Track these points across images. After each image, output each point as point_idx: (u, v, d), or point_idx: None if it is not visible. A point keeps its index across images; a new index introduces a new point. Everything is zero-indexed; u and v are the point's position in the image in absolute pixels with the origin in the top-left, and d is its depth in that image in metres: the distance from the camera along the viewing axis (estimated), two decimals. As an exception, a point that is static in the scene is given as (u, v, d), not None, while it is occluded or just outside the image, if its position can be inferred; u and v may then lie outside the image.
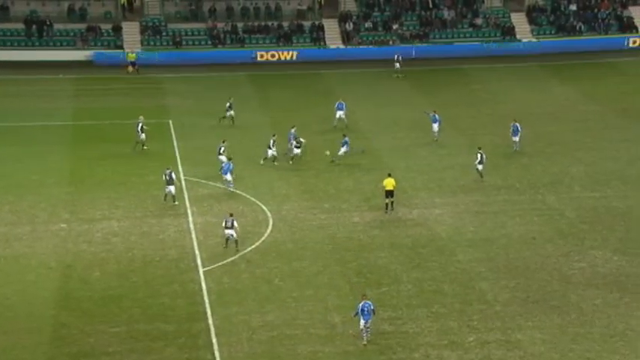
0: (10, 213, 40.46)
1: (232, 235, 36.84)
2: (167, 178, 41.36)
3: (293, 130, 48.24)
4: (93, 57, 67.07)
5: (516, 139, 48.92)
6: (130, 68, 64.83)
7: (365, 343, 30.44)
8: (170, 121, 53.62)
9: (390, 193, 41.17)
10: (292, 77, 65.42)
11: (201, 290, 34.26)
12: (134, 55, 65.95)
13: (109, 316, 32.12)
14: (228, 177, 43.27)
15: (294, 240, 38.90)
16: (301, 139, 47.63)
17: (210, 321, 32.19)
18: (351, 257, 37.40)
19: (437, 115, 51.01)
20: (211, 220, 40.51)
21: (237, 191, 43.77)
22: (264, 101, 59.15)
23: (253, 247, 38.02)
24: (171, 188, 41.37)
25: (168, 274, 35.53)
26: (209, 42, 70.27)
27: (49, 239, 38.01)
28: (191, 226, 39.83)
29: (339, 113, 53.63)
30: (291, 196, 43.56)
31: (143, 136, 48.41)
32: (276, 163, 46.60)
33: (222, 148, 45.81)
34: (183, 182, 44.45)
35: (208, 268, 36.01)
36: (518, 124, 49.09)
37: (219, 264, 36.40)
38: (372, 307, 30.71)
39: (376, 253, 37.67)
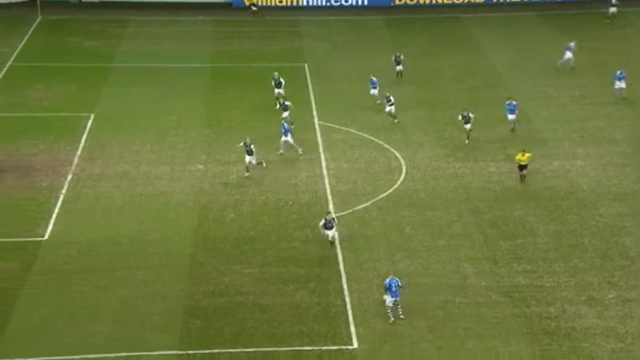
0: (151, 152, 41.89)
1: (334, 237, 33.21)
2: (247, 148, 39.02)
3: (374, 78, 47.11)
4: (232, -1, 67.77)
5: None
6: (254, 8, 65.06)
7: (393, 320, 29.03)
8: (305, 65, 53.87)
9: (523, 167, 38.60)
10: (430, 22, 64.21)
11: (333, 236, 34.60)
12: None
13: (243, 258, 33.00)
14: (289, 139, 40.98)
15: (427, 189, 38.64)
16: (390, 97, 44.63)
17: (341, 267, 32.57)
18: (486, 208, 36.84)
19: (623, 72, 47.26)
20: (344, 165, 40.71)
21: (371, 137, 43.71)
22: (400, 47, 58.40)
23: (385, 194, 38.01)
24: (251, 159, 39.02)
25: (301, 218, 36.04)
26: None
27: (187, 179, 39.19)
28: (324, 171, 40.15)
29: (568, 54, 51.84)
30: (425, 144, 43.15)
31: (277, 91, 46.76)
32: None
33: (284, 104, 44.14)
34: (317, 127, 44.76)
35: (340, 213, 36.27)
36: None
37: (351, 210, 36.61)
38: (399, 284, 29.34)
39: (512, 204, 36.93)
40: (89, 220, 35.66)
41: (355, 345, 28.34)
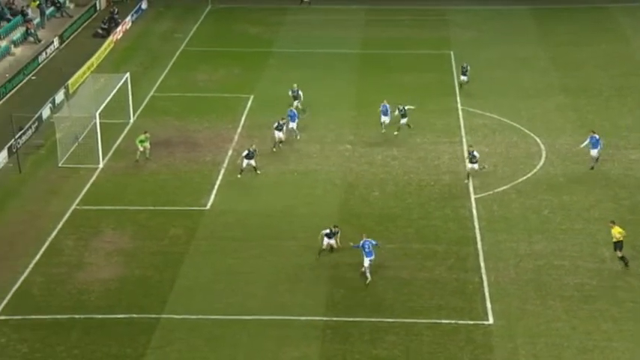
0: (303, 131, 42.37)
1: (332, 245, 31.19)
2: (249, 152, 36.94)
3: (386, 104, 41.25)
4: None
5: None
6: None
7: (370, 280, 29.18)
8: (451, 53, 52.98)
9: (617, 245, 30.33)
10: (576, 11, 61.54)
11: (471, 216, 34.07)
12: None
13: (386, 233, 32.92)
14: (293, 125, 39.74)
15: (566, 173, 37.28)
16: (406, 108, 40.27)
17: (479, 246, 31.98)
18: (626, 194, 35.17)
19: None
20: (485, 149, 39.82)
21: (513, 123, 42.54)
22: (545, 36, 56.41)
23: (525, 178, 36.95)
24: (251, 162, 36.96)
25: (442, 198, 35.61)
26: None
27: (335, 158, 39.42)
28: (465, 154, 39.39)
29: None
30: (567, 130, 41.60)
31: (295, 103, 42.62)
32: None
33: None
34: (460, 112, 43.98)
35: (480, 195, 35.59)
36: None
37: (491, 192, 35.85)
38: (373, 243, 29.48)
39: (654, 192, 35.07)
40: (246, 192, 36.54)
41: (491, 321, 27.79)
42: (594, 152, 37.10)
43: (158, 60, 52.95)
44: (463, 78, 46.26)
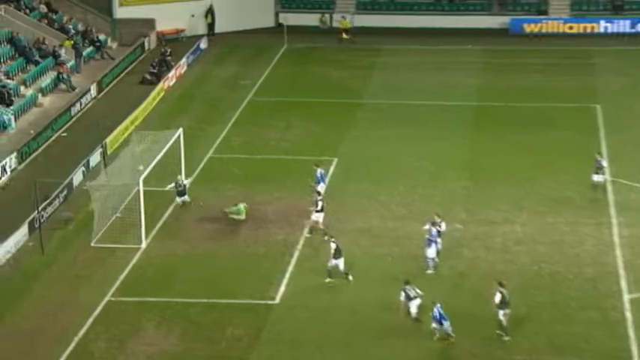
0: (400, 206, 42.38)
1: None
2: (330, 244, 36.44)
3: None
4: (509, 25, 67.64)
5: None
6: (344, 35, 65.20)
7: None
8: (598, 107, 52.61)
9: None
10: None
11: (624, 321, 33.40)
12: (347, 21, 66.02)
13: (507, 341, 32.28)
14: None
15: None
16: None
17: (635, 361, 31.16)
18: None
19: None
20: (641, 232, 39.18)
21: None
22: None
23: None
24: (339, 262, 36.35)
25: (584, 297, 35.02)
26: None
27: (442, 240, 39.09)
28: (615, 239, 38.86)
29: None
30: None
31: (180, 199, 42.51)
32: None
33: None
34: (608, 184, 43.31)
35: (636, 295, 34.83)
36: None
37: (649, 290, 35.05)
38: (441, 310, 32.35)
39: None
40: (325, 282, 36.47)
41: None
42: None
43: (219, 113, 54.22)
44: (597, 178, 42.15)
